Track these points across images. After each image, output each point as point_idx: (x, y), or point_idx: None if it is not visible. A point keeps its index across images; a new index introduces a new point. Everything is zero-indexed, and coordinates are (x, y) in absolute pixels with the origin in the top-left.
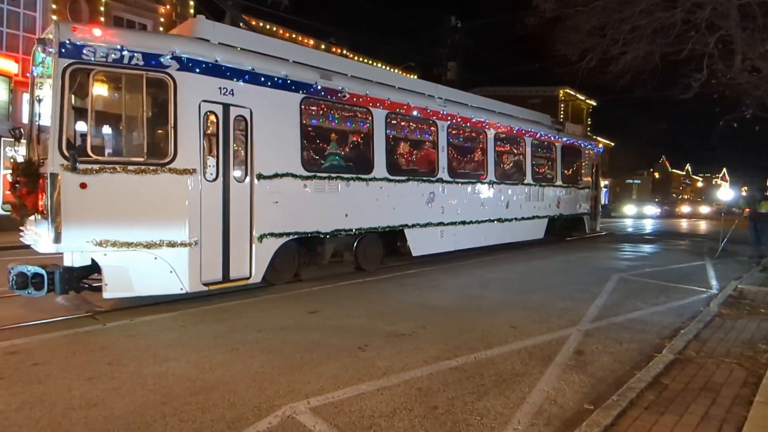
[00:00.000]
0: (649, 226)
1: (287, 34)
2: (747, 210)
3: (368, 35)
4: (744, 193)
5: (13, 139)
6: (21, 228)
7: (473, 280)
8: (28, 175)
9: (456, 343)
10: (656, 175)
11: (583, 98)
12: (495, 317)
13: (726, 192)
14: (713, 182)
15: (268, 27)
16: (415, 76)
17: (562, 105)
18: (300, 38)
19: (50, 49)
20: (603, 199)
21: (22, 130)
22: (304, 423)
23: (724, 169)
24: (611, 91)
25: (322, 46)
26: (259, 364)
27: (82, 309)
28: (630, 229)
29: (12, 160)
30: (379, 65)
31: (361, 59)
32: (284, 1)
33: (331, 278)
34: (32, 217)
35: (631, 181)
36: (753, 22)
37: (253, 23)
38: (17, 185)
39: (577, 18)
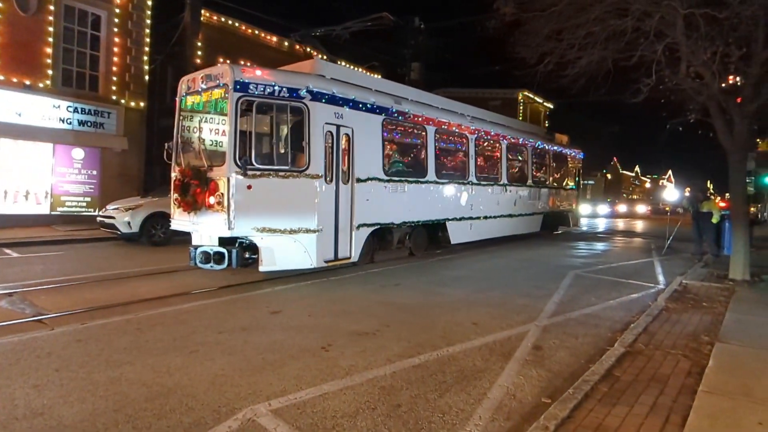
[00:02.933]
0: (602, 224)
1: (250, 31)
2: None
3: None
4: (687, 194)
5: (165, 152)
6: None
7: (436, 278)
8: (200, 179)
9: (419, 340)
10: (609, 176)
11: (540, 101)
12: (457, 314)
13: (671, 192)
14: (660, 183)
15: (230, 22)
16: (379, 76)
17: (521, 107)
18: (263, 35)
19: (225, 85)
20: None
21: (170, 145)
22: (265, 426)
23: (670, 171)
24: (567, 95)
25: (285, 44)
26: (220, 366)
27: (29, 313)
28: (584, 228)
29: (183, 168)
30: (343, 63)
31: (323, 57)
32: None
33: (304, 276)
34: (193, 211)
35: (585, 182)
36: (696, 31)
37: (215, 18)
38: (190, 186)
39: (536, 22)
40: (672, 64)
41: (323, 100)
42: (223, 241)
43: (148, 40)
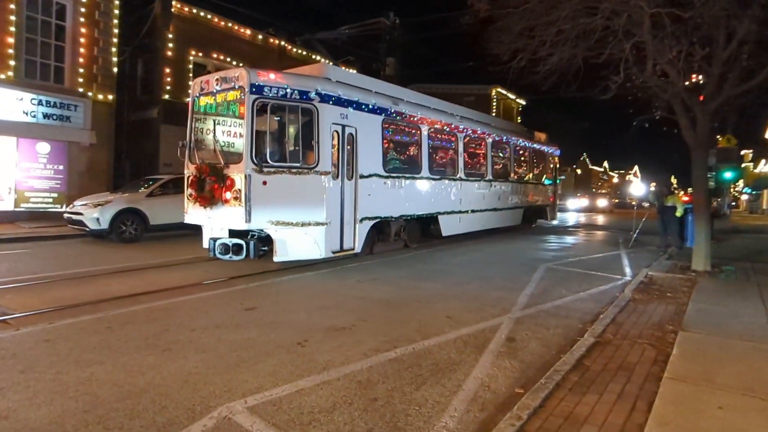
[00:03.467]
0: (571, 219)
1: (223, 23)
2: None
3: (307, 27)
4: (653, 188)
5: (179, 150)
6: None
7: (412, 272)
8: (217, 176)
9: (395, 334)
10: (578, 171)
11: (513, 97)
12: (433, 308)
13: (637, 187)
14: (627, 178)
15: (202, 14)
16: (354, 71)
17: (495, 103)
18: (236, 27)
19: (241, 87)
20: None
21: (184, 143)
22: (241, 423)
23: (636, 166)
24: (539, 91)
25: (260, 37)
26: (193, 364)
27: None
28: (555, 222)
29: (199, 165)
30: (317, 57)
31: (299, 51)
32: None
33: (279, 272)
34: (210, 206)
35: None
36: (662, 30)
37: (186, 10)
38: (207, 182)
39: (509, 19)
40: (639, 63)
41: (330, 102)
42: (233, 234)
43: (116, 31)
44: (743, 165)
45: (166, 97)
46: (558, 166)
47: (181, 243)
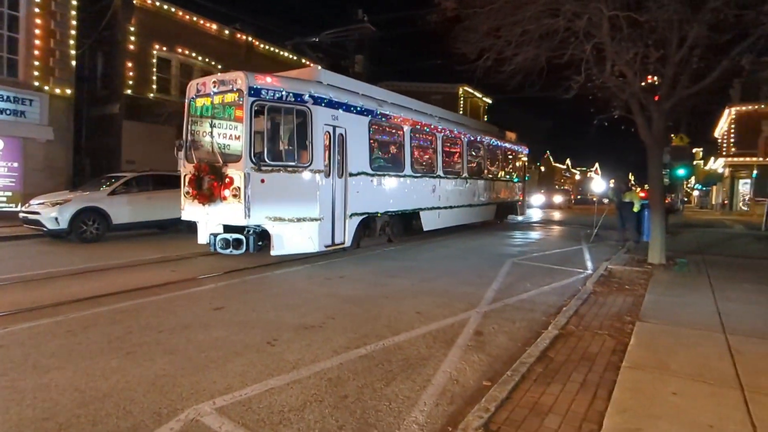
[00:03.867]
0: (535, 215)
1: (188, 17)
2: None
3: (275, 22)
4: (612, 185)
5: (176, 149)
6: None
7: (381, 269)
8: (216, 174)
9: (365, 331)
10: (542, 168)
11: (480, 96)
12: (402, 304)
13: (598, 183)
14: (588, 175)
15: (166, 7)
16: (323, 67)
17: (462, 101)
18: (202, 22)
19: (239, 90)
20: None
21: (180, 142)
22: (210, 425)
23: (597, 164)
24: (505, 90)
25: (226, 32)
26: (160, 366)
27: None
28: (520, 218)
29: (197, 164)
30: (286, 53)
31: (267, 47)
32: None
33: (247, 271)
34: (209, 203)
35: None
36: (620, 32)
37: (149, 2)
38: (205, 181)
39: (475, 19)
40: (599, 63)
41: (323, 104)
42: (227, 229)
43: (74, 23)
44: (695, 162)
45: (129, 92)
46: (527, 164)
47: (146, 243)
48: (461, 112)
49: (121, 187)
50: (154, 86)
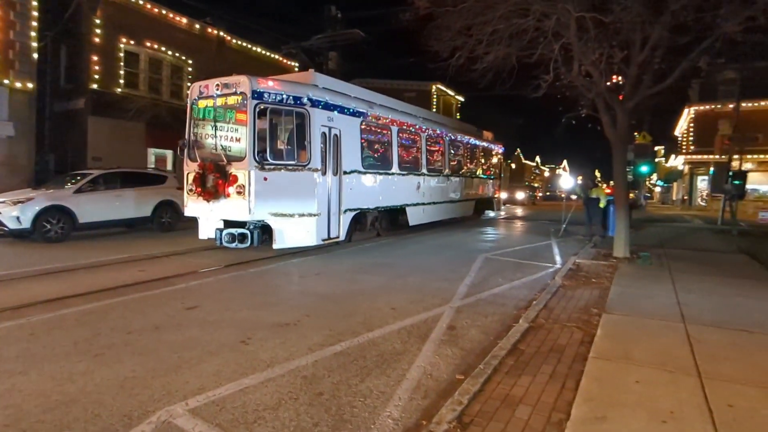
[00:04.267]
0: (506, 211)
1: (156, 10)
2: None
3: (247, 17)
4: (579, 181)
5: (179, 148)
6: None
7: (356, 266)
8: (220, 172)
9: (340, 328)
10: (513, 165)
11: (452, 94)
12: (377, 300)
13: (566, 180)
14: (556, 172)
15: (133, 0)
16: (296, 63)
17: (435, 99)
18: (172, 15)
19: (243, 93)
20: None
21: (184, 142)
22: (182, 426)
23: (565, 161)
24: (477, 88)
25: (197, 26)
26: (130, 368)
27: None
28: (492, 214)
29: (202, 163)
30: (258, 49)
31: (238, 42)
32: None
33: (221, 270)
34: (214, 199)
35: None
36: (587, 33)
37: None
38: (211, 178)
39: (448, 17)
40: (567, 63)
41: (320, 107)
42: (228, 225)
43: (36, 13)
44: (657, 160)
45: (95, 86)
46: (503, 162)
47: (113, 242)
48: (434, 110)
49: (88, 185)
50: (122, 81)
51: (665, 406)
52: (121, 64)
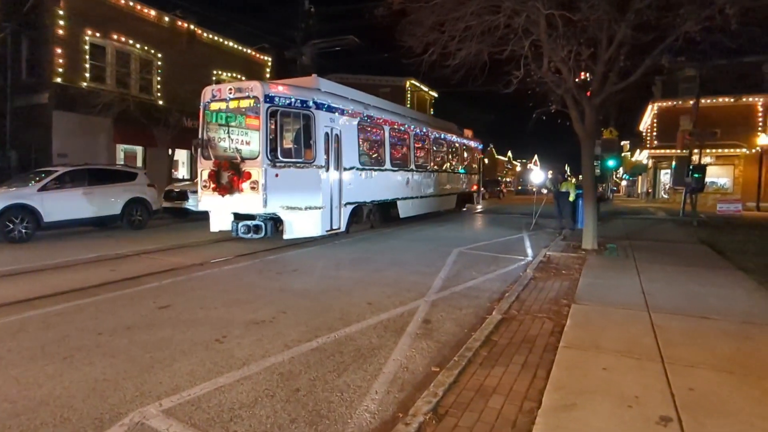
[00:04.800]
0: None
1: (123, 1)
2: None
3: (218, 11)
4: (550, 176)
5: (194, 147)
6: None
7: (332, 261)
8: (235, 169)
9: (316, 324)
10: (485, 161)
11: (426, 89)
12: (353, 295)
13: (537, 174)
14: (527, 167)
15: None
16: (269, 58)
17: (409, 95)
18: (139, 7)
19: (255, 97)
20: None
21: (198, 141)
22: (156, 427)
23: (536, 156)
24: (450, 84)
25: (166, 19)
26: (100, 370)
27: None
28: (465, 209)
29: (217, 161)
30: (230, 43)
31: (209, 36)
32: None
33: (194, 267)
34: (228, 194)
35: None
36: (556, 31)
37: None
38: (226, 175)
39: (421, 13)
40: (537, 60)
41: (323, 109)
42: (237, 217)
43: None
44: (623, 154)
45: (59, 80)
46: (481, 158)
47: (81, 241)
48: (408, 105)
49: (53, 183)
50: (88, 75)
51: (631, 392)
52: (87, 57)
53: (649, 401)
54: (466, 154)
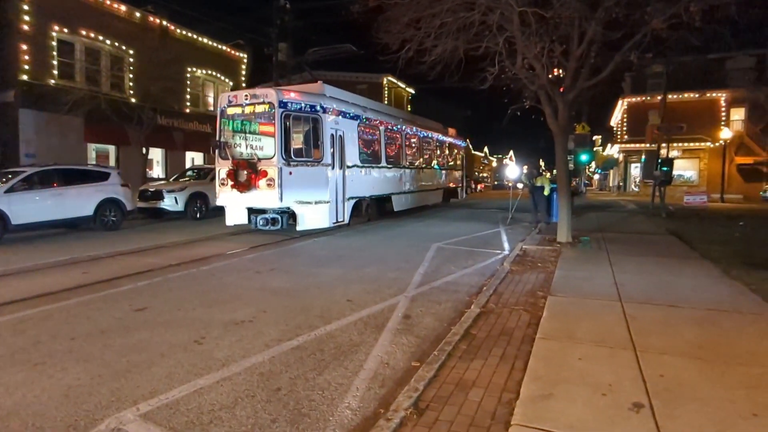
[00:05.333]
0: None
1: None
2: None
3: (191, 7)
4: (525, 171)
5: (212, 148)
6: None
7: (310, 259)
8: (252, 168)
9: (297, 322)
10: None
11: (404, 86)
12: (334, 293)
13: (512, 170)
14: (503, 162)
15: None
16: (245, 55)
17: (386, 92)
18: (110, 3)
19: (270, 102)
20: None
21: (215, 143)
22: None
23: (512, 151)
24: (426, 81)
25: (137, 14)
26: (74, 376)
27: None
28: (450, 202)
29: (236, 161)
30: (204, 40)
31: (182, 32)
32: None
33: (171, 268)
34: (247, 191)
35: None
36: (529, 28)
37: None
38: (244, 173)
39: (397, 10)
40: (511, 56)
41: (329, 112)
42: (252, 211)
43: None
44: (595, 149)
45: (25, 77)
46: (465, 155)
47: (52, 243)
48: (386, 102)
49: (21, 184)
50: (56, 72)
51: (605, 380)
52: (54, 53)
53: (622, 389)
54: (451, 152)
